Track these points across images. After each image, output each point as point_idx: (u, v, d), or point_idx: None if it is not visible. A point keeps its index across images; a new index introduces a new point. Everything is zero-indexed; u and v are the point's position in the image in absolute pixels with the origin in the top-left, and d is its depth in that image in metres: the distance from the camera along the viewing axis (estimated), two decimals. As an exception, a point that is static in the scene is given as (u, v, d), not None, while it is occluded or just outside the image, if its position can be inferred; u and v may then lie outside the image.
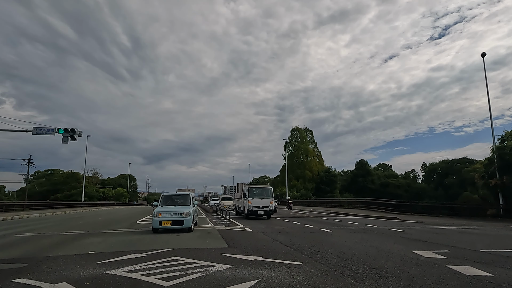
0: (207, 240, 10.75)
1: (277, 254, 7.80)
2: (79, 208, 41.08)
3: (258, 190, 21.39)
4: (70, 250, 8.54)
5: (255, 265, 6.50)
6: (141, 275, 5.67)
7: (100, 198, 67.77)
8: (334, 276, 5.69)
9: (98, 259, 7.21)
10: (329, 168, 70.47)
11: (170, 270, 6.04)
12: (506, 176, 21.99)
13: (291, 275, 5.65)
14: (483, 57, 25.41)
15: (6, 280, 5.42)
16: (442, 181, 52.38)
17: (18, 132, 23.85)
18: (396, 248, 8.95)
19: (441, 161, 58.67)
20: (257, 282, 5.20)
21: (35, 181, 67.75)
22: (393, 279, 5.45)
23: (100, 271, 6.00)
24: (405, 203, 30.70)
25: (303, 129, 75.79)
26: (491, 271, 6.05)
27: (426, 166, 66.71)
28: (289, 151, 72.36)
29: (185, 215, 12.70)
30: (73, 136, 23.66)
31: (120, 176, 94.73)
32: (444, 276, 5.71)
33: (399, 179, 67.04)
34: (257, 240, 10.66)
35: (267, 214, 20.25)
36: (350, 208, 36.42)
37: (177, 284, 5.09)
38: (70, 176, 68.60)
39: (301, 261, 6.93)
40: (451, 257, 7.52)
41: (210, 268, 6.18)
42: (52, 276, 5.71)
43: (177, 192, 19.76)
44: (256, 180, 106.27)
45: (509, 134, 23.94)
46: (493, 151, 23.94)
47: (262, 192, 20.95)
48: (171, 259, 7.15)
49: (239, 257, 7.41)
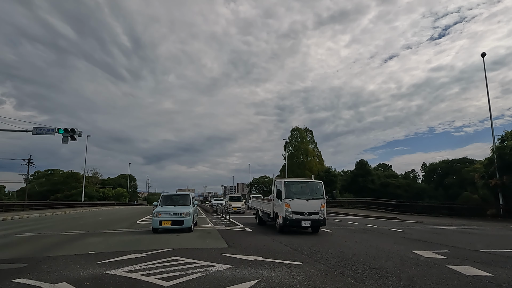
0: (207, 240, 10.75)
1: (277, 254, 7.80)
2: (79, 208, 41.06)
3: (299, 186, 13.29)
4: (70, 250, 8.54)
5: (255, 265, 6.50)
6: (141, 275, 5.67)
7: (100, 198, 67.72)
8: (334, 276, 5.69)
9: (98, 259, 7.21)
10: (329, 168, 70.36)
11: (170, 270, 6.04)
12: (506, 176, 21.99)
13: (291, 275, 5.65)
14: (483, 57, 25.40)
15: (6, 280, 5.42)
16: (442, 181, 52.36)
17: (18, 132, 23.85)
18: (396, 248, 8.95)
19: (441, 161, 58.66)
20: (257, 282, 5.20)
21: (35, 181, 67.71)
22: (393, 279, 5.45)
23: (100, 271, 6.00)
24: (405, 203, 30.67)
25: (303, 129, 75.76)
26: (491, 271, 6.06)
27: (426, 166, 66.70)
28: (289, 151, 72.33)
29: (185, 215, 12.70)
30: (73, 136, 23.65)
31: (120, 176, 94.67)
32: (444, 276, 5.72)
33: (399, 179, 66.99)
34: (257, 240, 10.66)
35: (315, 225, 12.40)
36: (350, 208, 36.41)
37: (177, 284, 5.09)
38: (70, 176, 68.54)
39: (301, 261, 6.94)
40: (451, 257, 7.52)
41: (210, 268, 6.18)
42: (52, 276, 5.71)
43: (177, 192, 19.71)
44: (256, 180, 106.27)
45: (509, 134, 23.95)
46: (493, 151, 23.93)
47: (306, 190, 13.07)
48: (171, 259, 7.15)
49: (239, 257, 7.42)
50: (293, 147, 73.40)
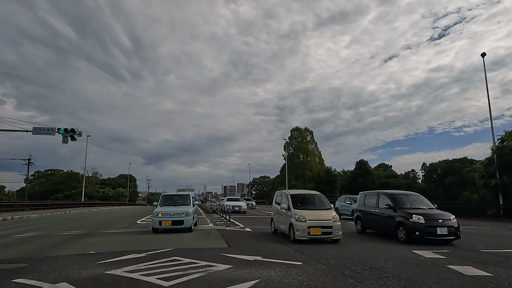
0: (207, 240, 10.75)
1: (277, 254, 7.80)
2: (79, 208, 41.03)
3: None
4: (70, 250, 8.53)
5: (255, 265, 6.50)
6: (141, 275, 5.67)
7: (100, 198, 67.71)
8: (334, 276, 5.69)
9: (98, 259, 7.21)
10: (329, 168, 70.44)
11: (170, 270, 6.04)
12: (506, 176, 22.01)
13: (291, 275, 5.65)
14: (483, 57, 25.41)
15: (6, 280, 5.42)
16: (442, 181, 52.41)
17: (18, 132, 23.86)
18: (396, 248, 8.95)
19: (441, 161, 58.73)
20: (257, 282, 5.20)
21: (35, 181, 67.71)
22: (393, 279, 5.46)
23: (100, 271, 6.00)
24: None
25: (303, 129, 75.77)
26: (491, 271, 6.06)
27: (426, 166, 66.73)
28: (289, 151, 72.33)
29: (185, 215, 12.70)
30: (73, 136, 23.65)
31: (120, 176, 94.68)
32: (444, 276, 5.72)
33: (399, 179, 67.04)
34: (257, 240, 10.66)
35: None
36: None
37: (177, 284, 5.09)
38: (70, 176, 68.54)
39: (301, 261, 6.94)
40: (451, 257, 7.53)
41: (210, 268, 6.18)
42: (52, 276, 5.71)
43: (177, 192, 19.71)
44: (256, 180, 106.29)
45: (509, 134, 23.98)
46: (493, 151, 23.95)
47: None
48: (171, 259, 7.15)
49: (239, 257, 7.41)
50: (293, 147, 73.40)
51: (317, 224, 9.59)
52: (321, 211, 10.29)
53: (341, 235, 9.85)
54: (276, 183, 74.55)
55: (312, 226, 9.54)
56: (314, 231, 9.51)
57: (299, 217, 9.76)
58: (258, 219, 20.80)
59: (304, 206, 10.56)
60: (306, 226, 9.53)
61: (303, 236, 9.53)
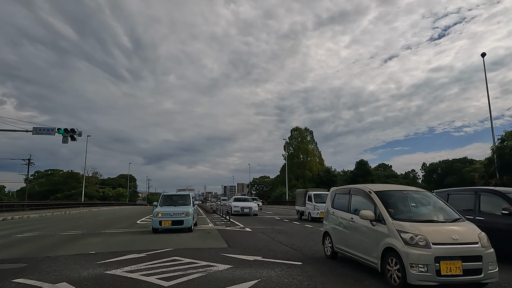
0: (207, 240, 10.75)
1: (277, 254, 7.80)
2: (79, 208, 41.04)
3: None
4: (70, 250, 8.54)
5: (255, 265, 6.50)
6: (141, 275, 5.67)
7: (100, 198, 67.71)
8: (334, 276, 5.69)
9: (98, 259, 7.21)
10: (329, 168, 70.53)
11: (170, 270, 6.04)
12: (506, 176, 21.99)
13: (291, 275, 5.65)
14: (483, 57, 25.39)
15: (6, 280, 5.42)
16: (442, 181, 52.46)
17: (18, 132, 23.87)
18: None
19: (441, 161, 58.86)
20: (257, 282, 5.20)
21: (35, 181, 67.76)
22: (393, 279, 5.44)
23: (100, 271, 6.00)
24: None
25: (303, 129, 75.89)
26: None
27: (426, 166, 66.88)
28: (289, 151, 72.40)
29: (185, 215, 12.70)
30: (73, 136, 23.65)
31: (120, 176, 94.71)
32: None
33: (399, 179, 67.18)
34: (257, 240, 10.66)
35: None
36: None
37: (177, 284, 5.09)
38: (70, 176, 68.59)
39: (301, 261, 6.94)
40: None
41: (210, 268, 6.18)
42: (52, 276, 5.71)
43: (177, 192, 19.70)
44: (256, 180, 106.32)
45: (509, 134, 23.97)
46: (493, 151, 23.94)
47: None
48: (171, 259, 7.15)
49: (239, 257, 7.42)
50: (293, 147, 73.50)
51: (453, 251, 4.73)
52: (450, 224, 5.34)
53: (497, 272, 4.91)
54: (276, 183, 74.67)
55: (444, 257, 4.65)
56: (449, 266, 4.62)
57: (413, 236, 4.88)
58: (258, 219, 20.81)
59: (408, 216, 5.59)
60: (431, 258, 4.62)
61: (426, 278, 4.58)
